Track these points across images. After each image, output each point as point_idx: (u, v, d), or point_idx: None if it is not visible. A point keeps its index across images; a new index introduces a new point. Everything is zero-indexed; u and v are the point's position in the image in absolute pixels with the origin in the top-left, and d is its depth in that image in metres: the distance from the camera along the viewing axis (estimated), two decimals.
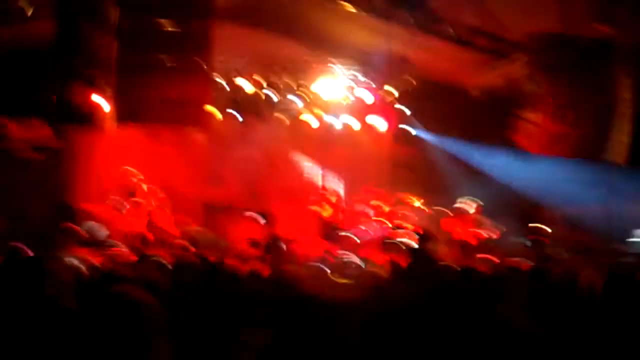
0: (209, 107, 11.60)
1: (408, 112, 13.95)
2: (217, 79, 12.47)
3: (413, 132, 14.54)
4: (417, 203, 13.57)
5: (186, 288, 4.47)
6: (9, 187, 12.10)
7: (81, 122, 10.97)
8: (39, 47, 11.21)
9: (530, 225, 10.89)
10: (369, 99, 13.46)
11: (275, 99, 13.34)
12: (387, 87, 13.68)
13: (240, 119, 13.80)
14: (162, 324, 3.24)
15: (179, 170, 13.97)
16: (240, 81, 12.90)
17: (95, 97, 10.66)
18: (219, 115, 13.39)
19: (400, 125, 14.38)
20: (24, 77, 11.65)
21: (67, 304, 3.58)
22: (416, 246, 9.09)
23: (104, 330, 3.21)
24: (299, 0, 12.08)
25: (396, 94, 13.78)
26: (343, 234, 11.01)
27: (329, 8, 12.20)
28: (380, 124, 14.14)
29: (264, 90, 13.12)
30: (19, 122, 12.49)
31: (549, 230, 12.42)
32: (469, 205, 12.52)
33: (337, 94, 13.61)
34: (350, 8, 12.14)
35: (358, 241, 12.64)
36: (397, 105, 13.88)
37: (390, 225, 13.17)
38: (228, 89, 12.95)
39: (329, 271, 5.69)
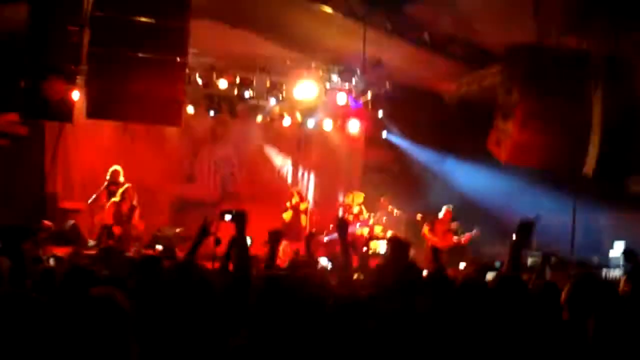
0: (183, 104, 11.50)
1: (381, 116, 14.00)
2: (192, 76, 12.37)
3: (385, 135, 14.61)
4: (389, 206, 13.63)
5: (152, 283, 4.43)
6: None
7: (51, 114, 10.81)
8: (9, 33, 11.05)
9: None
10: (343, 101, 13.47)
11: (249, 98, 13.29)
12: (361, 90, 13.71)
13: (213, 116, 13.73)
14: (128, 320, 3.22)
15: (151, 166, 13.90)
16: (214, 79, 12.82)
17: (66, 89, 10.52)
18: (192, 112, 13.31)
19: (374, 129, 14.44)
20: None
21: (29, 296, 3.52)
22: (384, 249, 9.14)
23: (68, 325, 3.18)
24: (277, 0, 12.06)
25: (370, 97, 13.81)
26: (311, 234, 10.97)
27: (307, 9, 12.21)
28: (353, 126, 14.19)
29: (238, 89, 13.05)
30: None
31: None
32: (441, 210, 12.59)
33: (312, 95, 13.61)
34: (327, 10, 12.16)
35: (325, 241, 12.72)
36: (371, 109, 13.92)
37: (360, 227, 13.25)
38: (202, 86, 12.86)
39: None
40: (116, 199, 11.69)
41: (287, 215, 13.20)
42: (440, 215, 12.50)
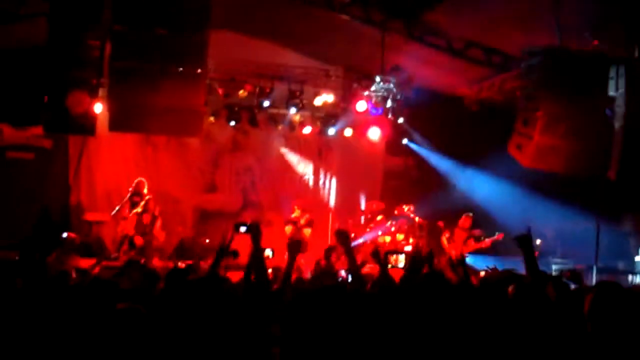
0: (203, 115, 11.57)
1: (402, 122, 13.98)
2: (212, 86, 12.45)
3: (406, 142, 14.60)
4: (411, 214, 13.59)
5: (175, 295, 4.46)
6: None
7: (74, 128, 10.93)
8: (31, 47, 11.20)
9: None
10: (363, 108, 13.46)
11: (270, 106, 13.34)
12: (381, 97, 13.70)
13: (234, 126, 13.80)
14: (149, 329, 3.25)
15: (172, 176, 14.00)
16: (234, 88, 12.90)
17: (89, 102, 10.64)
18: (213, 122, 13.40)
19: (394, 136, 14.42)
20: (15, 77, 11.62)
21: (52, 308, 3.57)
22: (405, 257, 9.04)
23: (89, 334, 3.22)
24: (295, 9, 12.10)
25: (390, 103, 13.80)
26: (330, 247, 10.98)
27: (326, 17, 12.23)
28: (374, 133, 14.17)
29: (259, 98, 13.12)
30: (11, 123, 12.50)
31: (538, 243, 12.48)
32: (462, 218, 12.54)
33: (332, 102, 13.64)
34: (346, 17, 12.18)
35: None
36: (391, 115, 13.91)
37: (382, 235, 13.23)
38: (222, 96, 12.94)
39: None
40: (138, 210, 11.80)
41: (287, 229, 13.06)
42: (460, 222, 12.45)
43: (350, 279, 5.79)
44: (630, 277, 10.62)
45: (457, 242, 12.23)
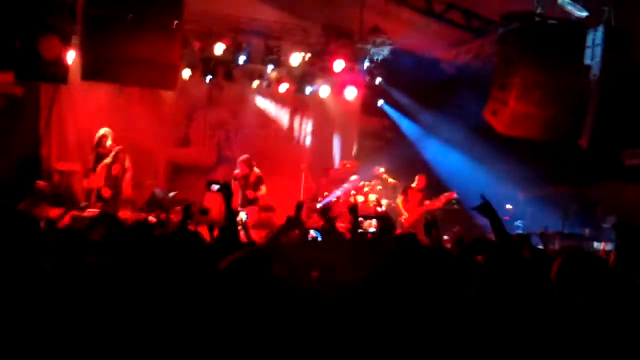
0: (179, 68, 11.42)
1: (379, 83, 13.97)
2: (188, 39, 12.27)
3: (381, 104, 14.60)
4: (384, 175, 13.67)
5: (143, 250, 4.45)
6: None
7: (45, 75, 10.74)
8: None
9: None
10: (341, 67, 13.40)
11: (246, 62, 13.21)
12: (359, 57, 13.65)
13: (210, 81, 13.66)
14: (117, 284, 3.24)
15: (146, 129, 13.85)
16: (211, 43, 12.73)
17: (61, 49, 10.44)
18: (188, 77, 13.25)
19: (371, 96, 14.41)
20: None
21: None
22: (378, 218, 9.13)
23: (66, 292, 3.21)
24: None
25: (368, 64, 13.76)
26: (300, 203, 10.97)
27: None
28: (350, 93, 14.13)
29: (235, 53, 12.97)
30: None
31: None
32: (417, 178, 12.55)
33: (309, 61, 13.55)
34: None
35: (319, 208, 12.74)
36: (369, 76, 13.88)
37: (354, 195, 13.31)
38: (199, 50, 12.77)
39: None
40: (108, 161, 11.61)
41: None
42: (414, 184, 12.45)
43: (320, 237, 5.83)
44: (595, 244, 10.81)
45: (412, 204, 12.26)
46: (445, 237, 9.94)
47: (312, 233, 6.28)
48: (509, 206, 12.69)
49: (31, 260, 3.48)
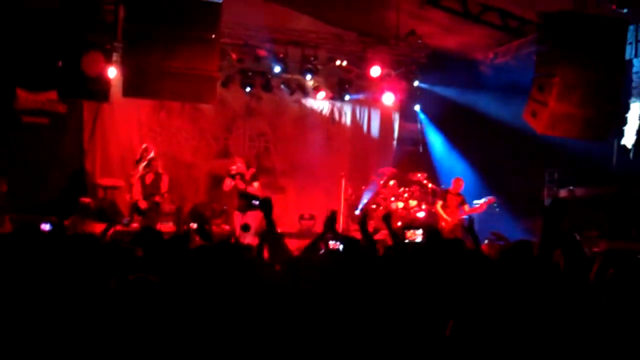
0: (217, 80, 11.53)
1: (416, 87, 13.91)
2: (225, 52, 12.39)
3: (417, 108, 14.51)
4: (423, 180, 13.59)
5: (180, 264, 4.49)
6: (15, 151, 12.19)
7: (88, 93, 10.95)
8: (46, 10, 11.15)
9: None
10: (377, 73, 13.37)
11: (283, 72, 13.28)
12: (396, 62, 13.62)
13: (248, 92, 13.77)
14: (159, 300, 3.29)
15: (186, 142, 14.04)
16: (248, 54, 12.84)
17: (103, 66, 10.64)
18: (226, 88, 13.38)
19: (408, 101, 14.35)
20: (30, 40, 11.59)
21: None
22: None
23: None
24: None
25: (405, 68, 13.72)
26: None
27: None
28: (388, 99, 14.09)
29: (272, 64, 13.05)
30: (26, 87, 12.53)
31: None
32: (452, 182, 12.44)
33: (346, 68, 13.57)
34: None
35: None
36: (406, 81, 13.84)
37: (394, 201, 13.25)
38: (236, 61, 12.89)
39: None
40: (140, 171, 11.71)
41: (227, 184, 12.19)
42: (452, 187, 12.32)
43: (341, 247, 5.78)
44: None
45: (451, 208, 12.13)
46: (486, 241, 9.84)
47: (333, 243, 6.24)
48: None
49: (100, 279, 3.57)
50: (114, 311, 3.22)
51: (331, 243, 6.31)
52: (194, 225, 8.55)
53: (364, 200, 13.52)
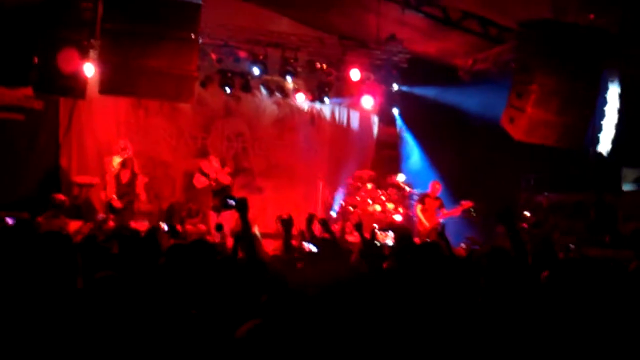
0: (196, 80, 11.47)
1: (395, 91, 13.95)
2: (205, 51, 12.33)
3: (396, 112, 14.54)
4: (401, 183, 13.64)
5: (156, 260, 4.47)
6: None
7: (63, 90, 10.85)
8: (22, 7, 11.05)
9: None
10: (357, 77, 13.40)
11: (263, 73, 13.24)
12: (375, 66, 13.64)
13: (227, 92, 13.71)
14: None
15: (164, 141, 13.96)
16: (228, 54, 12.79)
17: (79, 62, 10.54)
18: (205, 88, 13.32)
19: (387, 105, 14.38)
20: (7, 36, 11.47)
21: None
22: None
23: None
24: None
25: (384, 72, 13.75)
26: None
27: None
28: (367, 102, 14.12)
29: (252, 65, 13.00)
30: (2, 83, 12.39)
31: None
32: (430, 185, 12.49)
33: (326, 70, 13.57)
34: None
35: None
36: (385, 85, 13.87)
37: (371, 204, 13.28)
38: (216, 62, 12.83)
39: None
40: (114, 169, 11.65)
41: (200, 181, 12.53)
42: (430, 191, 12.38)
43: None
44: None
45: (429, 212, 12.18)
46: (463, 245, 9.88)
47: (307, 245, 6.24)
48: (527, 213, 12.58)
49: (65, 277, 3.52)
50: (79, 310, 3.18)
51: (305, 245, 6.32)
52: (164, 226, 8.51)
53: (338, 202, 13.55)
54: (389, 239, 11.15)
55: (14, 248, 3.82)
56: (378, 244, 8.10)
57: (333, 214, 13.61)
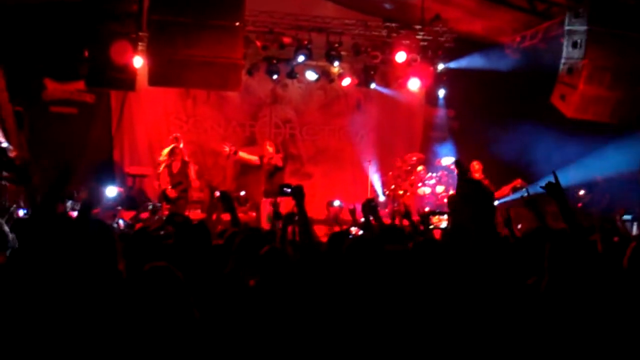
0: (242, 68, 11.54)
1: (441, 71, 13.77)
2: (250, 39, 12.38)
3: (442, 93, 14.34)
4: (450, 165, 13.47)
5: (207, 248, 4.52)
6: (45, 141, 12.31)
7: (114, 83, 11.05)
8: (71, 3, 11.24)
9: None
10: (403, 58, 13.27)
11: (308, 59, 13.23)
12: (421, 47, 13.50)
13: (274, 79, 13.76)
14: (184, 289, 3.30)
15: (213, 130, 14.10)
16: (273, 41, 12.82)
17: (129, 55, 10.72)
18: (251, 76, 13.39)
19: (434, 87, 14.20)
20: (58, 31, 11.69)
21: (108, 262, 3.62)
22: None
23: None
24: None
25: (431, 54, 13.59)
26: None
27: None
28: (413, 84, 13.98)
29: (297, 51, 13.00)
30: (54, 78, 12.68)
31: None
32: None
33: (371, 54, 13.48)
34: None
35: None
36: (432, 66, 13.70)
37: (421, 187, 13.18)
38: (261, 49, 12.87)
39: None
40: (163, 159, 11.70)
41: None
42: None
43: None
44: None
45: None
46: (519, 226, 9.73)
47: (354, 230, 6.18)
48: (582, 192, 12.31)
49: (106, 265, 3.59)
50: (122, 300, 3.22)
51: (353, 230, 6.30)
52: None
53: (388, 186, 13.49)
54: (443, 222, 11.04)
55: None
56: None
57: (382, 197, 13.56)
